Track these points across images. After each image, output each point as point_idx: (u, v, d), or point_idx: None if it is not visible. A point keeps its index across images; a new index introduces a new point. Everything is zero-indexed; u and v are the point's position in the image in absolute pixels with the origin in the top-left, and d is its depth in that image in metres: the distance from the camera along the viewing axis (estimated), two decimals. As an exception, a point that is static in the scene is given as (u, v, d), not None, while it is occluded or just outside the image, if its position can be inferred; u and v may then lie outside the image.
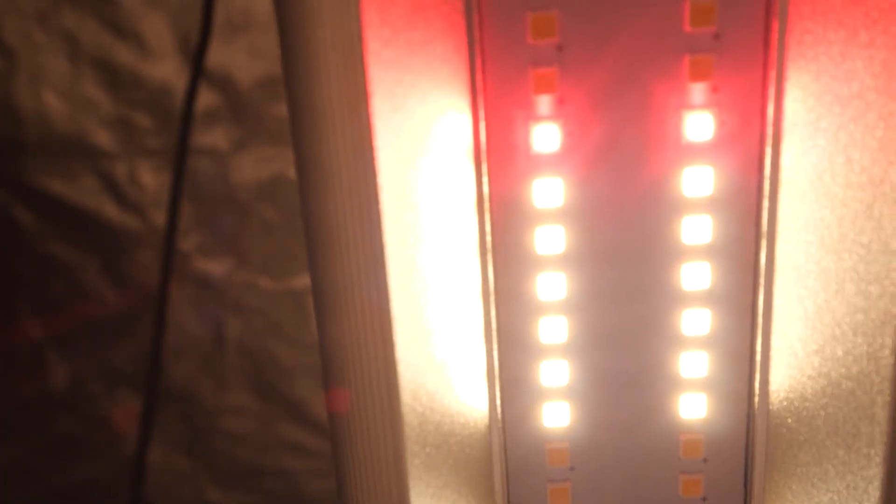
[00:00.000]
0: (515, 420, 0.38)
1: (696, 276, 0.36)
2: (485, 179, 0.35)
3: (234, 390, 0.80)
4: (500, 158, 0.35)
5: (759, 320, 0.36)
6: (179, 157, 0.65)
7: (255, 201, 0.75)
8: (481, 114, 0.34)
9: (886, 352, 0.33)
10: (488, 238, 0.35)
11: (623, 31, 0.33)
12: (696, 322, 0.36)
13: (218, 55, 0.71)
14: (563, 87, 0.34)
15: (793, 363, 0.36)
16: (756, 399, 0.37)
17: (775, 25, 0.33)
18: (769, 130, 0.34)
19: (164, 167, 0.76)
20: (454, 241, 0.35)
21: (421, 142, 0.33)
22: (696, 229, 0.35)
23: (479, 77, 0.34)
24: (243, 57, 0.72)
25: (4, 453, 0.81)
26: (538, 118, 0.34)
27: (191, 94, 0.64)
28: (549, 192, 0.35)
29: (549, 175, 0.35)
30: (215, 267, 0.77)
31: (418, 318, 0.35)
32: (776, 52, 0.33)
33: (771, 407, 0.37)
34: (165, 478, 0.82)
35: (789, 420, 0.37)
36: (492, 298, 0.36)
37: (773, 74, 0.33)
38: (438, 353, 0.36)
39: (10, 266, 0.77)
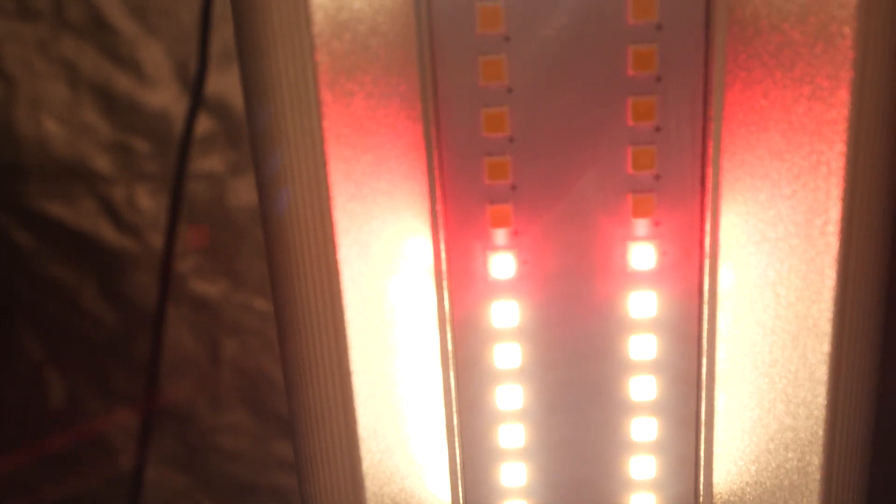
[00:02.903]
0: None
1: (643, 388, 0.40)
2: (446, 303, 0.39)
3: (230, 409, 0.85)
4: (460, 283, 0.39)
5: (703, 429, 0.41)
6: (177, 181, 0.69)
7: (251, 224, 0.79)
8: (442, 246, 0.39)
9: (813, 468, 0.38)
10: (450, 353, 0.40)
11: (572, 171, 0.38)
12: (644, 429, 0.41)
13: (215, 82, 0.75)
14: (518, 221, 0.39)
15: (733, 470, 0.41)
16: (701, 500, 0.42)
17: (709, 172, 0.37)
18: (707, 262, 0.39)
19: (161, 191, 0.79)
20: (419, 356, 0.40)
21: (385, 279, 0.38)
22: (642, 347, 0.40)
23: (440, 213, 0.38)
24: (239, 84, 0.75)
25: (3, 469, 0.86)
26: (495, 248, 0.39)
27: (190, 120, 0.69)
28: (505, 313, 0.40)
29: (506, 298, 0.39)
30: (211, 288, 0.81)
31: (384, 429, 0.40)
32: (710, 194, 0.37)
33: (714, 508, 0.42)
34: (161, 495, 0.86)
35: (730, 521, 0.42)
36: (454, 408, 0.41)
37: (708, 214, 0.38)
38: (404, 461, 0.41)
39: (9, 287, 0.81)
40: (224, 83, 0.75)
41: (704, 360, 0.40)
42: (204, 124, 0.76)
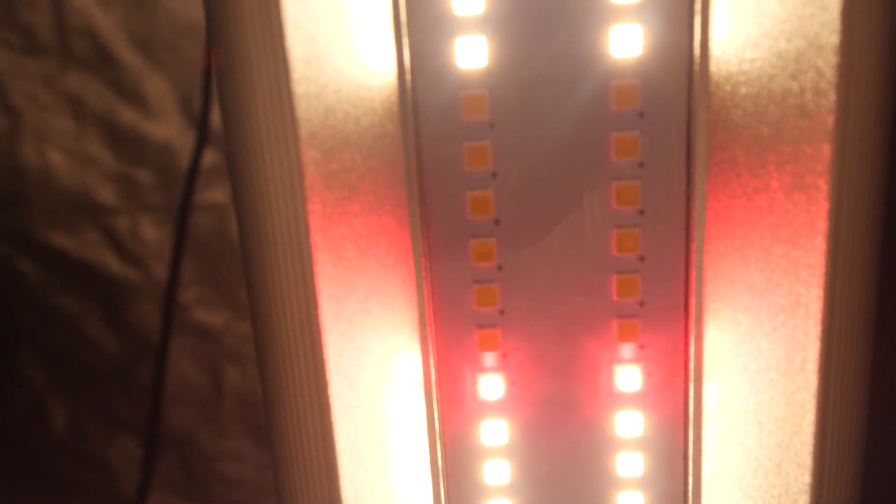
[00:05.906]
0: None
1: None
2: (437, 423, 0.41)
3: (232, 436, 0.87)
4: (450, 404, 0.41)
5: (689, 545, 0.43)
6: (182, 213, 0.71)
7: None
8: (432, 369, 0.41)
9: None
10: (441, 470, 0.42)
11: (558, 297, 0.40)
12: (631, 542, 0.43)
13: (219, 115, 0.76)
14: (506, 344, 0.40)
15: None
16: None
17: (693, 300, 0.39)
18: (692, 385, 0.40)
19: (164, 222, 0.81)
20: (411, 470, 0.42)
21: (376, 408, 0.40)
22: (629, 465, 0.42)
23: (430, 338, 0.40)
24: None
25: (5, 497, 0.88)
26: (484, 370, 0.41)
27: (197, 153, 0.71)
28: (495, 432, 0.42)
29: (495, 418, 0.42)
30: (214, 318, 0.83)
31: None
32: (694, 320, 0.39)
33: None
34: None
35: None
36: (446, 521, 0.43)
37: (692, 339, 0.40)
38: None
39: (13, 316, 0.83)
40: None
41: (691, 479, 0.41)
42: (208, 157, 0.78)
